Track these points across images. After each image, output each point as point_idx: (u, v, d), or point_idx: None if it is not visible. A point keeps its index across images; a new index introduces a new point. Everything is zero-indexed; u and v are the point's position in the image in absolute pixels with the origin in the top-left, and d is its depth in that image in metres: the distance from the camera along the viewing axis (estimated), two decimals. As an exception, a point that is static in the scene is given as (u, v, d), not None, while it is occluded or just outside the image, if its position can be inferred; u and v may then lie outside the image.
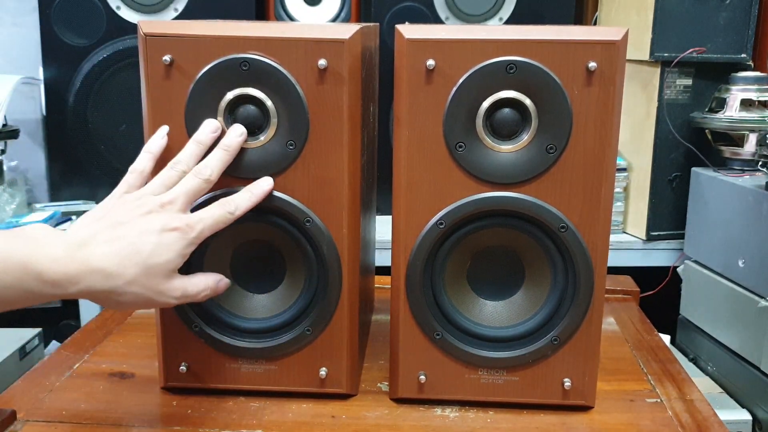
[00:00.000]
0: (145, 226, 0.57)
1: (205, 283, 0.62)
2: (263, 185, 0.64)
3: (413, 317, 0.67)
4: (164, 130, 0.63)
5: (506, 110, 0.63)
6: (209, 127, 0.63)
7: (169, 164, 0.61)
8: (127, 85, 1.58)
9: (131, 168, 0.62)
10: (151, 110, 0.64)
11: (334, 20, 1.68)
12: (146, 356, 0.78)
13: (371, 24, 0.80)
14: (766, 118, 1.48)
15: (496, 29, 0.62)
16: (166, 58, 0.62)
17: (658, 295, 1.55)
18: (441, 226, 0.65)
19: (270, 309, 0.69)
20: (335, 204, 0.65)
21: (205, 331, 0.68)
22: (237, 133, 0.63)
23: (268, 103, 0.63)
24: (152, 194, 0.59)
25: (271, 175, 0.65)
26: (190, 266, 0.67)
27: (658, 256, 1.62)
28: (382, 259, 0.80)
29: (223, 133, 0.63)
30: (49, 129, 1.67)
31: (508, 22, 1.65)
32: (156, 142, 0.63)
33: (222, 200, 0.61)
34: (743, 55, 1.53)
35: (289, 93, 0.63)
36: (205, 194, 0.62)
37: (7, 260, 0.52)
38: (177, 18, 1.58)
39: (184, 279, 0.60)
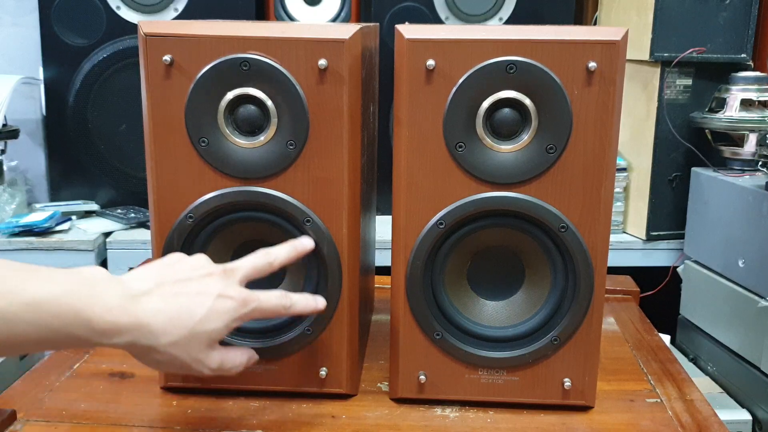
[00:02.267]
0: (203, 288, 0.56)
1: (240, 359, 0.60)
2: (307, 244, 0.64)
3: (413, 317, 0.67)
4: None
5: (506, 110, 0.63)
6: (308, 244, 0.64)
7: (262, 251, 0.62)
8: (127, 85, 1.58)
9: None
10: (151, 110, 0.64)
11: (334, 20, 1.68)
12: (146, 356, 0.77)
13: (371, 24, 0.80)
14: (766, 118, 1.48)
15: (496, 29, 0.62)
16: (166, 58, 0.62)
17: (658, 295, 1.55)
18: (441, 226, 0.65)
19: (270, 309, 0.69)
20: (335, 204, 0.65)
21: (205, 331, 0.68)
22: (309, 243, 0.64)
23: (269, 103, 0.63)
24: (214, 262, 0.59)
25: (271, 175, 0.64)
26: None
27: (658, 256, 1.62)
28: (382, 259, 0.80)
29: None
30: (49, 129, 1.67)
31: (508, 22, 1.65)
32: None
33: (281, 291, 0.61)
34: (743, 55, 1.53)
35: (289, 93, 0.63)
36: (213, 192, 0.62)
37: (61, 305, 0.51)
38: (177, 18, 1.58)
39: (223, 352, 0.58)
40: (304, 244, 0.64)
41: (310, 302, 0.62)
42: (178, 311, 0.54)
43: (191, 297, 0.55)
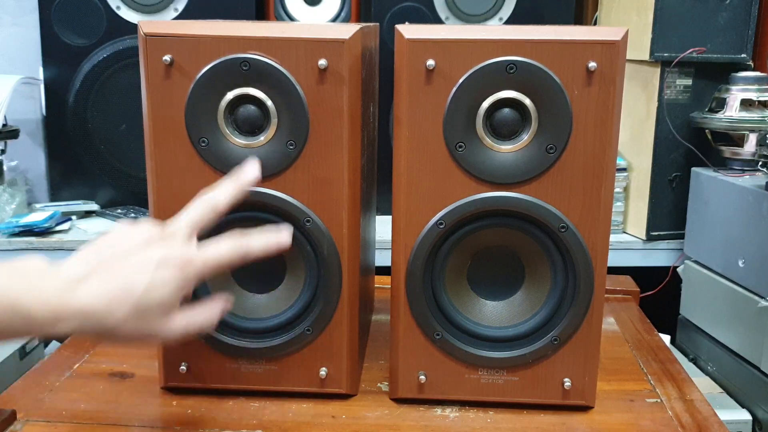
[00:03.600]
0: (140, 259, 0.53)
1: (204, 317, 0.57)
2: (284, 236, 0.60)
3: (413, 317, 0.67)
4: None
5: (506, 110, 0.63)
6: (252, 172, 0.61)
7: (198, 199, 0.59)
8: (127, 85, 1.58)
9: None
10: (151, 110, 0.64)
11: (334, 20, 1.68)
12: (146, 356, 0.78)
13: (371, 24, 0.80)
14: (766, 118, 1.48)
15: (496, 29, 0.62)
16: (166, 58, 0.62)
17: (658, 295, 1.55)
18: (441, 226, 0.65)
19: (270, 309, 0.69)
20: (335, 204, 0.65)
21: (205, 331, 0.68)
22: (253, 169, 0.61)
23: (269, 103, 0.63)
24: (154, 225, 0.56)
25: (271, 175, 0.65)
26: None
27: (658, 256, 1.62)
28: (382, 259, 0.80)
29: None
30: (49, 129, 1.67)
31: (508, 22, 1.65)
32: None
33: (235, 240, 0.57)
34: (743, 55, 1.53)
35: (290, 93, 0.63)
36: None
37: None
38: (177, 18, 1.58)
39: (186, 316, 0.56)
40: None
41: (270, 238, 0.58)
42: (117, 290, 0.52)
43: (128, 273, 0.53)
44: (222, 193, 0.59)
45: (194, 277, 0.55)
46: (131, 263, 0.53)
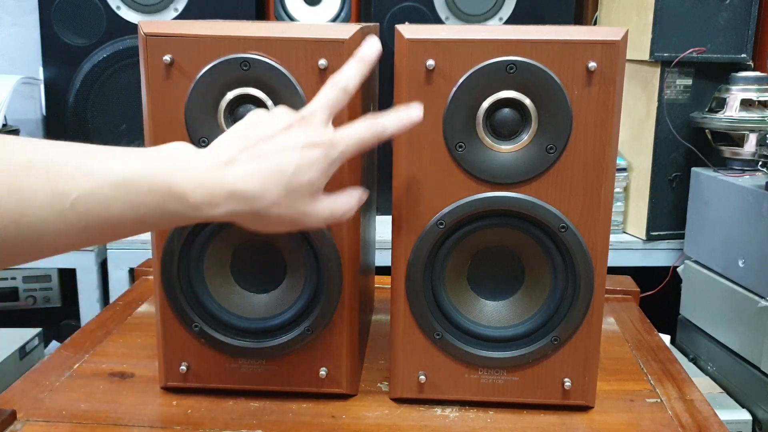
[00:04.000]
0: (286, 142, 0.53)
1: (349, 203, 0.58)
2: (414, 112, 0.59)
3: (413, 317, 0.67)
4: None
5: (506, 110, 0.63)
6: (373, 46, 0.59)
7: (329, 83, 0.57)
8: (127, 85, 1.58)
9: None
10: (151, 110, 0.64)
11: (334, 20, 1.68)
12: (146, 356, 0.78)
13: (371, 24, 0.80)
14: (766, 118, 1.48)
15: (496, 29, 0.62)
16: (166, 58, 0.62)
17: (658, 295, 1.55)
18: (441, 226, 0.65)
19: (270, 309, 0.69)
20: (335, 204, 0.65)
21: (205, 331, 0.68)
22: (374, 44, 0.59)
23: (269, 103, 0.63)
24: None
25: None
26: (190, 262, 0.67)
27: (658, 256, 1.62)
28: (382, 259, 0.80)
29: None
30: (49, 129, 1.67)
31: (508, 22, 1.65)
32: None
33: (369, 120, 0.57)
34: (743, 55, 1.53)
35: (290, 93, 0.63)
36: None
37: (152, 182, 0.49)
38: (177, 18, 1.58)
39: (330, 199, 0.56)
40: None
41: (403, 117, 0.58)
42: (269, 171, 0.52)
43: (277, 155, 0.53)
44: (351, 74, 0.58)
45: (337, 157, 0.55)
46: (278, 146, 0.53)
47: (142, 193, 0.49)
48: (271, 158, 0.53)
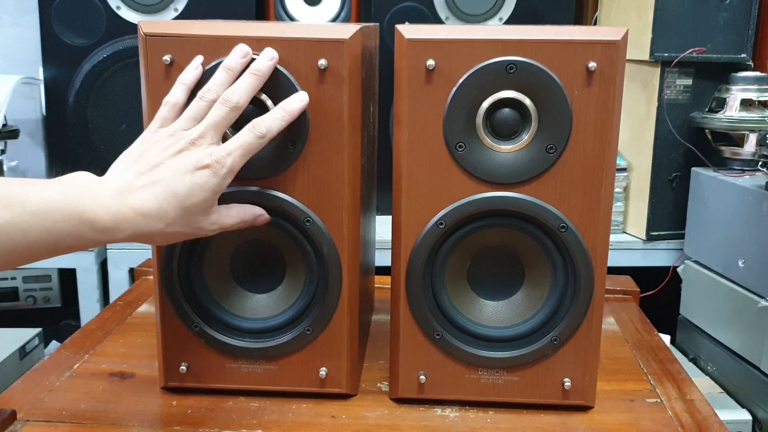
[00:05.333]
0: (177, 166, 0.58)
1: (240, 215, 0.62)
2: (296, 103, 0.62)
3: (413, 317, 0.67)
4: (198, 60, 0.62)
5: (506, 110, 0.63)
6: (239, 52, 0.61)
7: (198, 94, 0.61)
8: (127, 85, 1.58)
9: (165, 100, 0.61)
10: (151, 110, 0.64)
11: (334, 20, 1.68)
12: (146, 356, 0.78)
13: (371, 24, 0.80)
14: (766, 118, 1.48)
15: (496, 29, 0.62)
16: (166, 58, 0.62)
17: (658, 295, 1.55)
18: (441, 226, 0.65)
19: (270, 309, 0.69)
20: (335, 204, 0.65)
21: (205, 331, 0.68)
22: (268, 57, 0.61)
23: (269, 103, 0.63)
24: (183, 129, 0.60)
25: (271, 175, 0.65)
26: (190, 262, 0.67)
27: (658, 256, 1.62)
28: (382, 259, 0.80)
29: (251, 61, 0.62)
30: (49, 129, 1.67)
31: (508, 22, 1.65)
32: (190, 73, 0.62)
33: (251, 123, 0.60)
34: (743, 55, 1.53)
35: (289, 93, 0.63)
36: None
37: (66, 209, 0.55)
38: (177, 18, 1.58)
39: (221, 211, 0.61)
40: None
41: (285, 113, 0.61)
42: (164, 196, 0.57)
43: (170, 180, 0.58)
44: (241, 89, 0.60)
45: (227, 172, 0.59)
46: (170, 171, 0.58)
47: (58, 220, 0.55)
48: (165, 184, 0.58)
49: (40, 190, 0.55)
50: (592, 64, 0.61)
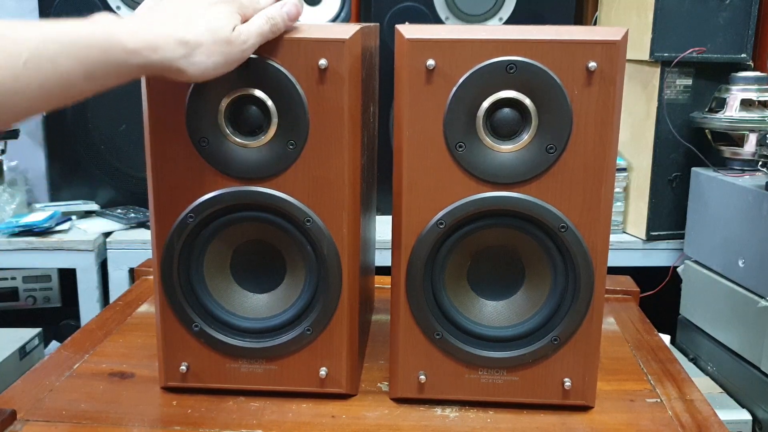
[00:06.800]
0: (195, 3, 0.59)
1: (266, 14, 0.62)
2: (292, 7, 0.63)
3: (413, 317, 0.67)
4: None
5: (506, 110, 0.63)
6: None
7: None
8: (127, 85, 1.58)
9: None
10: (151, 110, 0.64)
11: (334, 20, 1.68)
12: (146, 356, 0.78)
13: (371, 24, 0.80)
14: (766, 118, 1.48)
15: (496, 29, 0.62)
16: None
17: (658, 295, 1.55)
18: (441, 226, 0.65)
19: (270, 309, 0.69)
20: (335, 204, 0.65)
21: (205, 331, 0.68)
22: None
23: (269, 103, 0.63)
24: None
25: (271, 175, 0.65)
26: (190, 262, 0.67)
27: (658, 256, 1.62)
28: (382, 259, 0.80)
29: None
30: (49, 129, 1.67)
31: (508, 22, 1.65)
32: None
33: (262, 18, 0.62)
34: (743, 55, 1.53)
35: (290, 93, 0.63)
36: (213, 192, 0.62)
37: (93, 34, 0.55)
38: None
39: (245, 25, 0.61)
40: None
41: (290, 9, 0.63)
42: (187, 22, 0.58)
43: (189, 11, 0.59)
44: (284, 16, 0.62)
45: (240, 9, 0.60)
46: (188, 6, 0.59)
47: (86, 46, 0.54)
48: (184, 15, 0.59)
49: (67, 23, 0.55)
50: (592, 64, 0.61)
